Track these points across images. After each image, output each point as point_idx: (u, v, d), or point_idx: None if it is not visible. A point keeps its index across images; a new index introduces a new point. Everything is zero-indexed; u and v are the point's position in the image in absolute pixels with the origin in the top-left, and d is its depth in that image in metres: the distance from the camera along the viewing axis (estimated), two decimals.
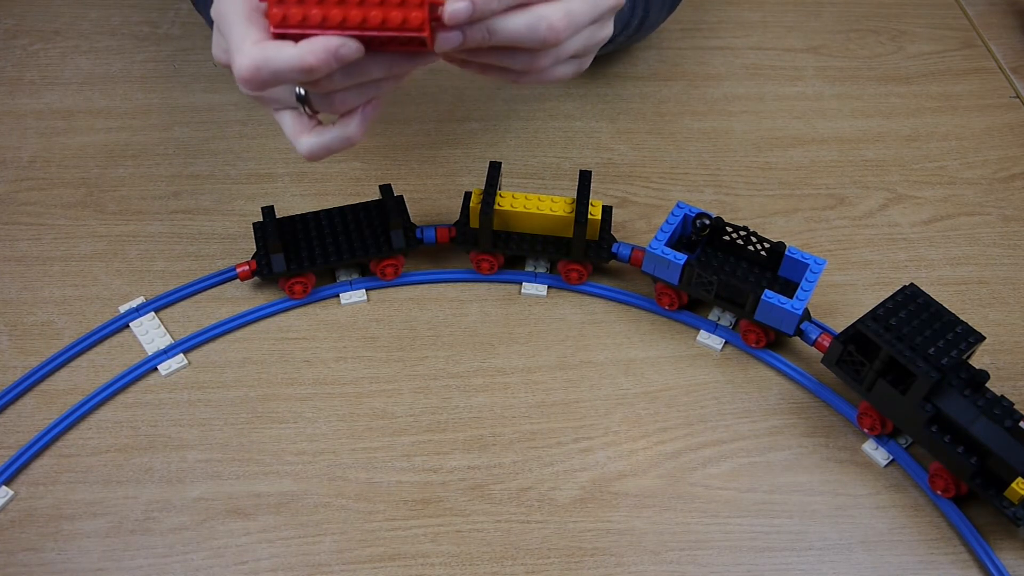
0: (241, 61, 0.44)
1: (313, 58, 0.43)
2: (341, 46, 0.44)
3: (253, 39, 0.45)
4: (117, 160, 0.75)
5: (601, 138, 0.78)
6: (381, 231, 0.66)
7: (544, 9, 0.47)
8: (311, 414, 0.61)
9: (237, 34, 0.45)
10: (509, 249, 0.66)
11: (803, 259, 0.62)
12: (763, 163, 0.77)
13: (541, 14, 0.47)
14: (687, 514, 0.57)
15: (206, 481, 0.57)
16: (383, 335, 0.65)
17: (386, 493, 0.57)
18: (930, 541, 0.56)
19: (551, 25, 0.47)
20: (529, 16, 0.47)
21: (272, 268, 0.64)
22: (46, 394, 0.61)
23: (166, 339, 0.63)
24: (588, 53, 0.53)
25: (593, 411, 0.61)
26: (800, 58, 0.87)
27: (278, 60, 0.44)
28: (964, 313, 0.67)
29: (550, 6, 0.47)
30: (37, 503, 0.56)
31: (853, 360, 0.58)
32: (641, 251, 0.65)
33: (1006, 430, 0.53)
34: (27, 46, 0.84)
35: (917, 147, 0.79)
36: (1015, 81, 0.85)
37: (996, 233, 0.73)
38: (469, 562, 0.55)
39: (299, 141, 0.50)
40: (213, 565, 0.54)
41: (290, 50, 0.44)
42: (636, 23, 0.74)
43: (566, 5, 0.48)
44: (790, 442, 0.60)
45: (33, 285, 0.66)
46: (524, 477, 0.58)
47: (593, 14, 0.50)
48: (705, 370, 0.64)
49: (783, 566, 0.55)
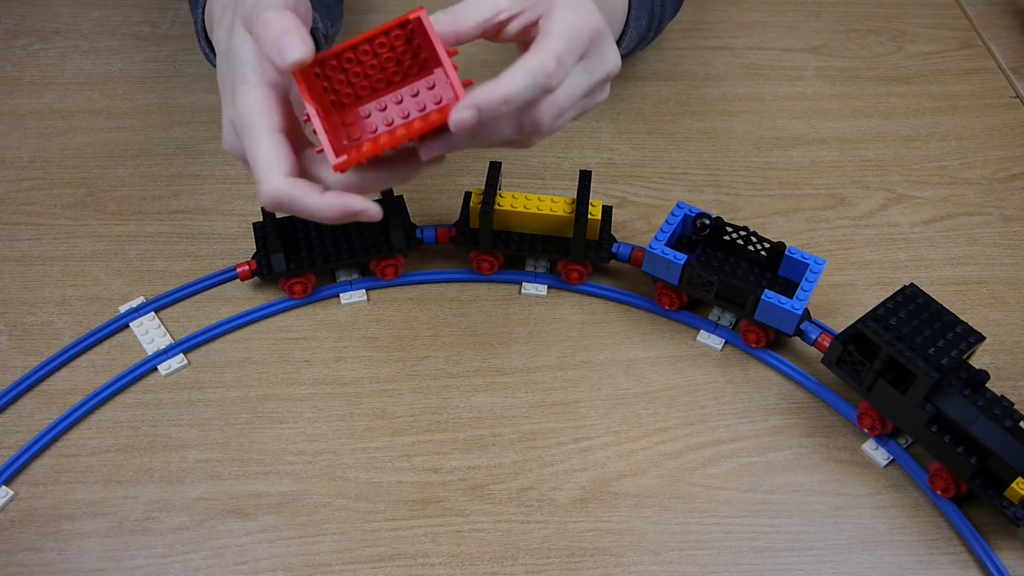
0: (268, 189, 0.45)
1: (331, 213, 0.46)
2: (362, 212, 0.46)
3: (282, 169, 0.46)
4: (117, 160, 0.75)
5: (601, 138, 0.78)
6: (381, 231, 0.66)
7: (532, 58, 0.47)
8: (311, 414, 0.61)
9: (263, 156, 0.46)
10: (509, 249, 0.66)
11: (803, 259, 0.62)
12: (763, 163, 0.77)
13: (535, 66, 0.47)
14: (687, 514, 0.57)
15: (206, 481, 0.57)
16: (383, 335, 0.65)
17: (386, 493, 0.57)
18: (930, 541, 0.56)
19: (547, 72, 0.47)
20: (525, 71, 0.46)
21: (272, 268, 0.64)
22: (46, 394, 0.61)
23: (166, 339, 0.63)
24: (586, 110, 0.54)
25: (593, 411, 0.61)
26: (800, 58, 0.87)
27: (302, 203, 0.46)
28: (964, 313, 0.67)
29: (537, 53, 0.47)
30: (37, 503, 0.56)
31: (853, 360, 0.58)
32: (641, 251, 0.65)
33: (1006, 430, 0.53)
34: (27, 46, 0.84)
35: (917, 147, 0.79)
36: (1015, 81, 0.85)
37: (996, 233, 0.73)
38: (469, 562, 0.55)
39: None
40: (213, 565, 0.54)
41: (316, 199, 0.45)
42: (651, 36, 0.75)
43: (550, 46, 0.47)
44: (790, 442, 0.60)
45: (33, 285, 0.66)
46: (524, 477, 0.58)
47: (588, 85, 0.50)
48: (705, 370, 0.64)
49: (783, 566, 0.55)
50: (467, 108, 0.45)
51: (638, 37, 0.71)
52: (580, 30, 0.48)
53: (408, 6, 0.89)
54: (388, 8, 0.88)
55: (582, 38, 0.48)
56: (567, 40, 0.47)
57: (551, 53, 0.46)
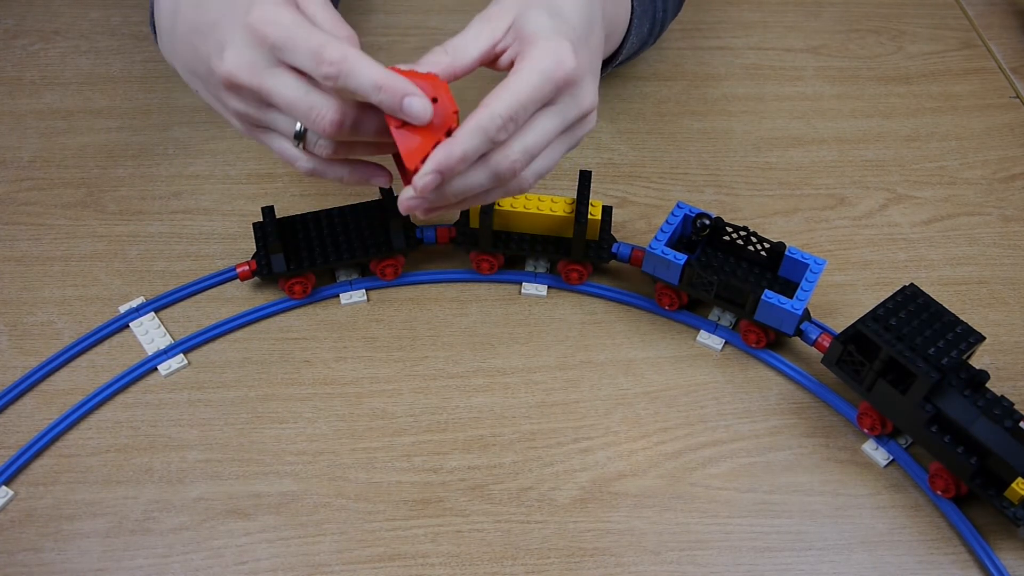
0: (337, 48, 0.46)
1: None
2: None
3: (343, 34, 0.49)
4: (117, 160, 0.75)
5: (601, 138, 0.78)
6: (381, 231, 0.66)
7: (483, 114, 0.48)
8: (311, 414, 0.61)
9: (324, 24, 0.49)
10: (509, 249, 0.66)
11: (803, 259, 0.62)
12: (763, 163, 0.77)
13: (484, 123, 0.48)
14: (687, 514, 0.57)
15: (206, 481, 0.57)
16: (383, 335, 0.65)
17: (386, 493, 0.57)
18: (930, 541, 0.56)
19: (494, 127, 0.48)
20: (474, 129, 0.48)
21: (272, 268, 0.64)
22: (46, 394, 0.61)
23: (166, 339, 0.63)
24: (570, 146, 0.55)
25: (593, 411, 0.61)
26: (800, 58, 0.87)
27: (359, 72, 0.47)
28: (964, 313, 0.67)
29: (486, 110, 0.48)
30: (37, 503, 0.56)
31: (853, 360, 0.58)
32: (641, 251, 0.65)
33: (1006, 430, 0.53)
34: (27, 46, 0.84)
35: (917, 147, 0.79)
36: (1015, 81, 0.85)
37: (996, 233, 0.73)
38: (469, 562, 0.55)
39: (299, 160, 0.52)
40: (213, 565, 0.54)
41: (372, 70, 0.46)
42: (652, 41, 0.75)
43: (501, 103, 0.48)
44: (790, 442, 0.60)
45: (33, 285, 0.66)
46: (524, 477, 0.58)
47: (559, 126, 0.51)
48: (705, 370, 0.64)
49: (783, 566, 0.55)
50: (427, 174, 0.47)
51: (639, 43, 0.71)
52: (546, 80, 0.48)
53: (407, 7, 0.89)
54: (388, 8, 0.88)
55: (546, 88, 0.49)
56: (526, 92, 0.48)
57: (499, 111, 0.47)
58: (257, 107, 0.51)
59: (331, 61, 0.46)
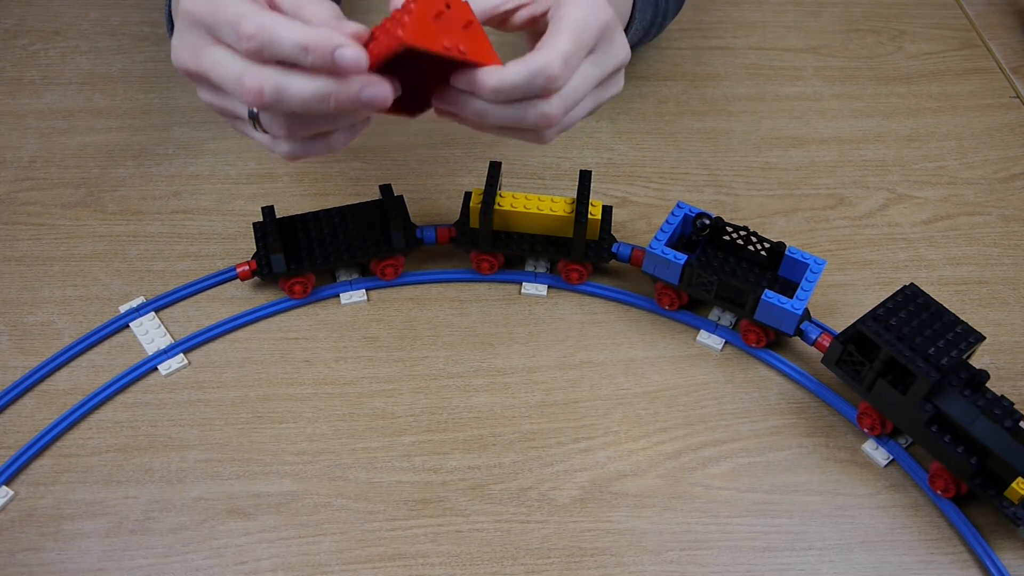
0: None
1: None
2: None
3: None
4: (117, 160, 0.75)
5: (601, 138, 0.78)
6: (381, 231, 0.66)
7: (539, 57, 0.47)
8: (311, 414, 0.61)
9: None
10: (509, 249, 0.66)
11: (803, 259, 0.62)
12: (763, 163, 0.77)
13: (538, 65, 0.47)
14: (687, 514, 0.57)
15: (206, 481, 0.57)
16: (383, 335, 0.65)
17: (386, 493, 0.57)
18: (930, 541, 0.56)
19: (550, 75, 0.47)
20: (526, 67, 0.47)
21: (272, 268, 0.64)
22: (46, 394, 0.61)
23: (166, 339, 0.63)
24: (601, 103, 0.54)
25: (593, 411, 0.61)
26: (800, 58, 0.87)
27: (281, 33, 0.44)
28: (964, 313, 0.67)
29: (544, 52, 0.47)
30: (37, 503, 0.56)
31: (853, 360, 0.58)
32: (641, 251, 0.65)
33: (1006, 430, 0.53)
34: (27, 46, 0.84)
35: (917, 147, 0.79)
36: (1015, 81, 0.85)
37: (996, 233, 0.73)
38: (469, 562, 0.55)
39: (275, 146, 0.50)
40: (213, 565, 0.54)
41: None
42: (655, 31, 0.75)
43: (557, 47, 0.47)
44: (790, 442, 0.60)
45: (33, 285, 0.66)
46: (524, 477, 0.58)
47: (598, 77, 0.51)
48: (705, 370, 0.64)
49: (783, 566, 0.55)
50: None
51: (642, 31, 0.71)
52: (589, 26, 0.48)
53: None
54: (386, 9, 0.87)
55: (591, 34, 0.48)
56: (575, 38, 0.48)
57: (558, 55, 0.47)
58: (215, 94, 0.49)
59: (249, 35, 0.43)
